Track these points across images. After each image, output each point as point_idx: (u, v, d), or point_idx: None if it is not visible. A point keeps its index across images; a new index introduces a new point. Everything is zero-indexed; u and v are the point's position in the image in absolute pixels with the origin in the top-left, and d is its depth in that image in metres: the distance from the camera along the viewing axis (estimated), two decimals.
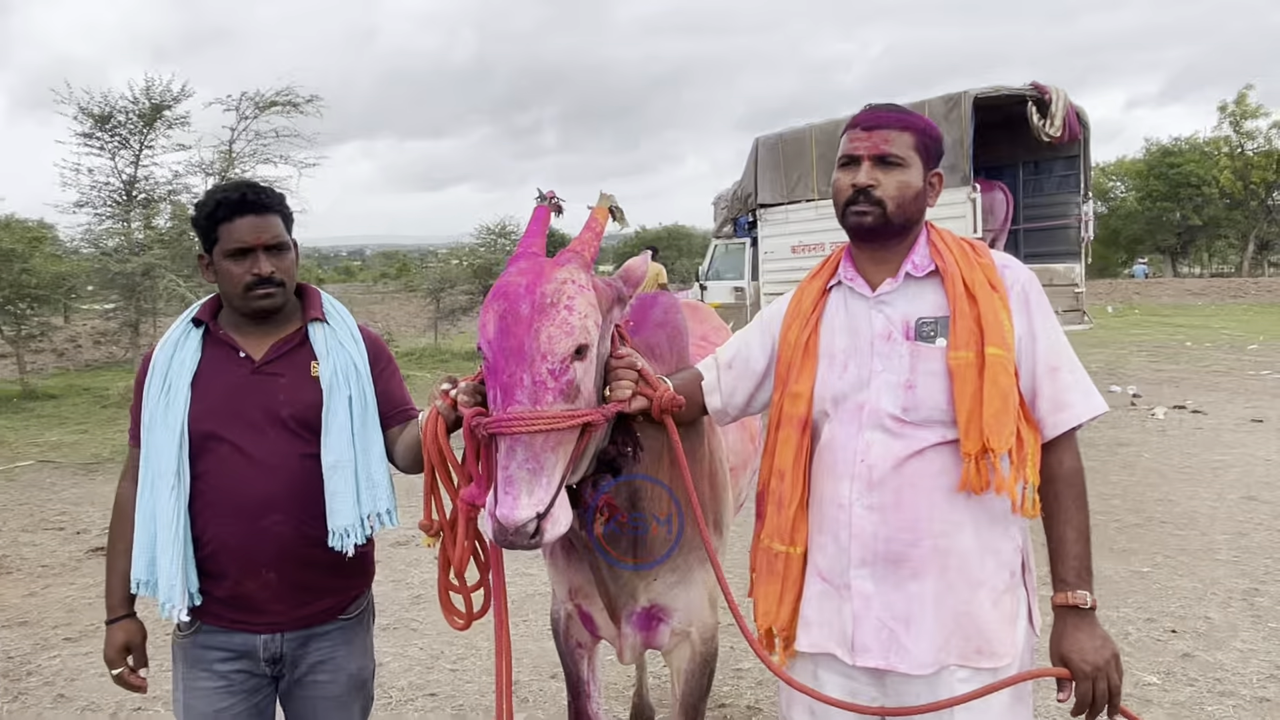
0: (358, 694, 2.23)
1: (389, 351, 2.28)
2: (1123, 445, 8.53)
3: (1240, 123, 37.71)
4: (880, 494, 1.79)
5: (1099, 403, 1.81)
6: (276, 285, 2.06)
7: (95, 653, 4.51)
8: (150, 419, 2.04)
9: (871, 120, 1.84)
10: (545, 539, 1.62)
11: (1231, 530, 5.91)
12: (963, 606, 1.78)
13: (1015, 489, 1.72)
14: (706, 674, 2.32)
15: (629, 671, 3.90)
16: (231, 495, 2.01)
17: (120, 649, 2.10)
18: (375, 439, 2.13)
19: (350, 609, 2.19)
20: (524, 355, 1.67)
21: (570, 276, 1.75)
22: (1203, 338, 17.56)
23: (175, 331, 2.12)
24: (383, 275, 42.21)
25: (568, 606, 2.39)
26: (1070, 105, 10.14)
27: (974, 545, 1.78)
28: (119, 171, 15.15)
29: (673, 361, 2.22)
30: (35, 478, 8.77)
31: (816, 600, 1.88)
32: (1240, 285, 30.04)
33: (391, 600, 5.12)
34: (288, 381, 2.08)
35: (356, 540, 2.06)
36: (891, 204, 1.80)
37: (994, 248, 2.30)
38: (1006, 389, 1.72)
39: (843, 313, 1.90)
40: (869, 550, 1.80)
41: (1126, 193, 43.00)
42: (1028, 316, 1.80)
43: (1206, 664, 4.02)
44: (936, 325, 1.80)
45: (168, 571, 1.98)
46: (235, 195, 2.06)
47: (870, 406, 1.81)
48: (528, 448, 1.64)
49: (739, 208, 13.36)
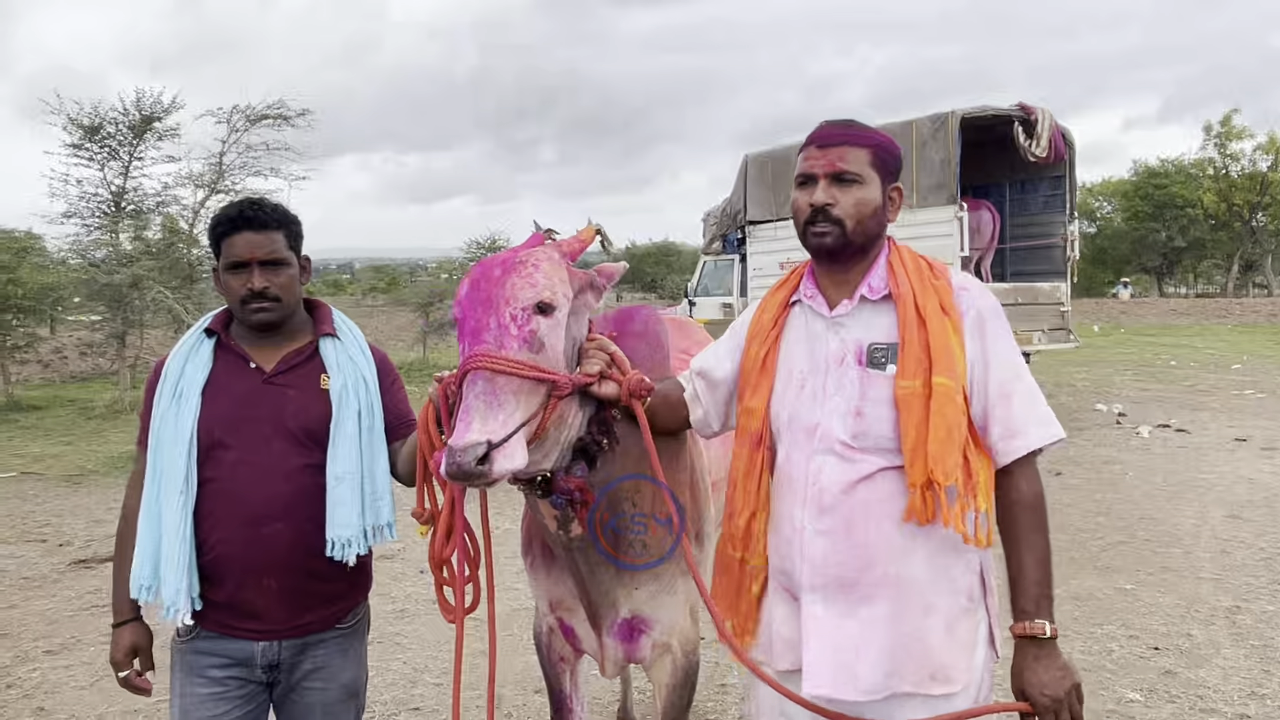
0: (351, 702, 2.25)
1: (394, 367, 2.33)
2: (1107, 463, 8.57)
3: (1225, 144, 38.09)
4: (831, 519, 1.77)
5: (1055, 430, 1.78)
6: (271, 300, 2.10)
7: (76, 665, 4.48)
8: (160, 425, 2.07)
9: (826, 137, 1.82)
10: (495, 469, 1.66)
11: (1214, 548, 5.94)
12: (915, 633, 1.75)
13: (963, 520, 1.69)
14: (688, 687, 2.33)
15: (614, 686, 3.90)
16: (236, 502, 2.04)
17: (128, 651, 2.11)
18: (381, 453, 2.18)
19: (348, 618, 2.22)
20: (490, 302, 1.80)
21: (543, 251, 1.91)
22: (1187, 357, 17.69)
23: (188, 340, 2.16)
24: (372, 289, 42.14)
25: (549, 620, 2.39)
26: (1056, 126, 10.24)
27: (926, 571, 1.76)
28: (108, 182, 15.10)
29: (652, 371, 2.24)
30: (18, 489, 8.70)
31: (789, 619, 1.87)
32: (1225, 306, 30.27)
33: (376, 614, 5.05)
34: (297, 393, 2.12)
35: (359, 551, 2.10)
36: (850, 222, 1.79)
37: (980, 266, 2.32)
38: (953, 420, 1.69)
39: (803, 330, 1.89)
40: (820, 575, 1.78)
41: (1112, 213, 43.34)
42: (981, 342, 1.77)
43: (1189, 681, 4.04)
44: (888, 352, 1.77)
45: (173, 575, 2.00)
46: (234, 211, 2.11)
47: (822, 430, 1.79)
48: (488, 382, 1.73)
49: (728, 224, 13.41)
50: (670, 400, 2.09)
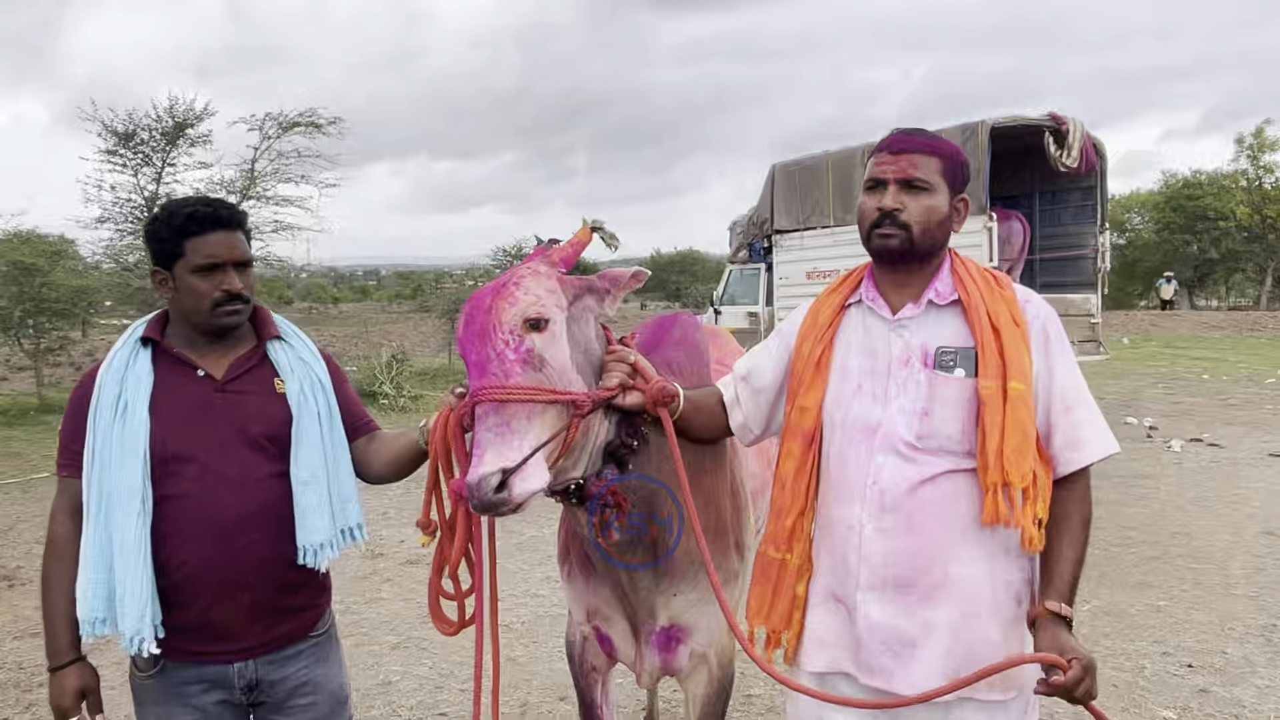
0: (340, 711, 2.19)
1: (340, 367, 2.26)
2: (1139, 478, 8.45)
3: (1258, 156, 37.60)
4: (893, 518, 1.79)
5: (1112, 442, 1.82)
6: (243, 302, 2.03)
7: (105, 665, 4.49)
8: (102, 444, 1.93)
9: (899, 144, 1.84)
10: (514, 494, 1.67)
11: (1249, 565, 5.84)
12: (973, 636, 1.77)
13: (1031, 524, 1.73)
14: (723, 699, 2.31)
15: (639, 694, 3.88)
16: (204, 517, 1.94)
17: (75, 695, 1.97)
18: (344, 454, 2.13)
19: (319, 625, 2.16)
20: (484, 333, 1.80)
21: (527, 267, 1.91)
22: (1220, 370, 17.43)
23: (122, 350, 2.02)
24: (397, 295, 42.46)
25: (584, 629, 2.38)
26: (1087, 136, 10.14)
27: (985, 574, 1.78)
28: (141, 188, 15.35)
29: (692, 379, 2.24)
30: (51, 490, 8.77)
31: (828, 620, 1.88)
32: (1258, 319, 29.82)
33: (401, 619, 5.11)
34: (255, 399, 2.04)
35: (331, 554, 2.05)
36: (917, 228, 1.81)
37: (1010, 276, 2.31)
38: (1027, 425, 1.73)
39: (860, 332, 1.91)
40: (878, 574, 1.80)
41: (1143, 224, 42.88)
42: (1046, 353, 1.80)
43: (1224, 700, 3.97)
44: (956, 355, 1.80)
45: (135, 602, 1.87)
46: (207, 209, 2.00)
47: (885, 430, 1.81)
48: (498, 414, 1.73)
49: (754, 233, 13.41)
50: (708, 407, 2.09)
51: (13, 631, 5.09)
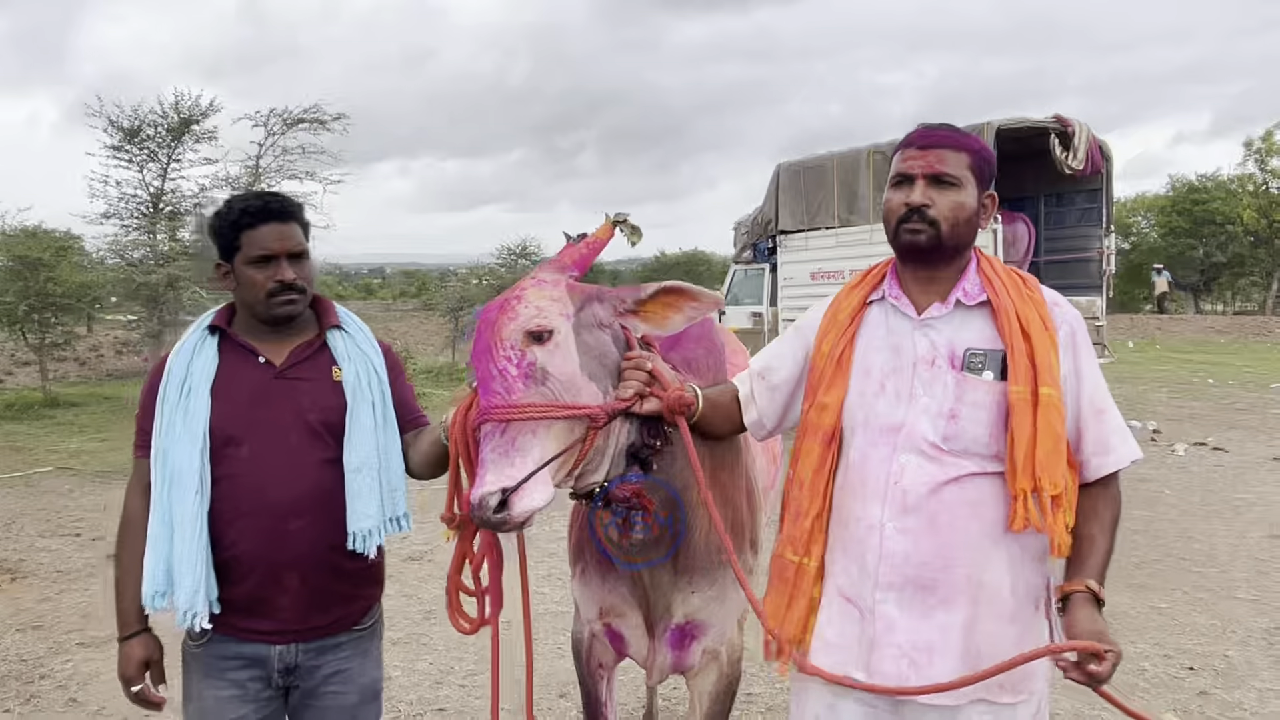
0: (370, 705, 2.22)
1: (400, 360, 2.31)
2: (1143, 481, 8.43)
3: (1265, 160, 37.48)
4: (915, 518, 1.75)
5: (1136, 448, 1.80)
6: (298, 292, 2.09)
7: (108, 659, 4.52)
8: (168, 425, 2.02)
9: (926, 139, 1.81)
10: (514, 513, 1.68)
11: (1251, 569, 5.83)
12: (991, 640, 1.74)
13: (1062, 529, 1.70)
14: (730, 696, 2.32)
15: (639, 694, 3.88)
16: (257, 499, 2.01)
17: (139, 664, 2.05)
18: (395, 444, 2.16)
19: (364, 619, 2.20)
20: (489, 349, 1.81)
21: (530, 279, 1.90)
22: (1225, 375, 17.38)
23: (191, 338, 2.12)
24: (402, 293, 42.49)
25: (594, 626, 2.37)
26: (1093, 138, 10.13)
27: (1006, 577, 1.76)
28: (146, 184, 15.38)
29: (710, 375, 2.23)
30: (54, 484, 8.83)
31: (838, 621, 1.85)
32: (1263, 323, 29.73)
33: (403, 614, 5.12)
34: (311, 386, 2.10)
35: (379, 541, 2.08)
36: (945, 224, 1.77)
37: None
38: (1058, 430, 1.70)
39: (883, 330, 1.87)
40: (898, 574, 1.77)
41: (1149, 228, 42.77)
42: (1074, 357, 1.78)
43: (1225, 703, 3.96)
44: (985, 358, 1.76)
45: (189, 578, 1.95)
46: (259, 203, 2.08)
47: (908, 429, 1.78)
48: (502, 433, 1.73)
49: (759, 233, 13.40)
50: (724, 405, 2.06)
51: (14, 624, 5.10)
